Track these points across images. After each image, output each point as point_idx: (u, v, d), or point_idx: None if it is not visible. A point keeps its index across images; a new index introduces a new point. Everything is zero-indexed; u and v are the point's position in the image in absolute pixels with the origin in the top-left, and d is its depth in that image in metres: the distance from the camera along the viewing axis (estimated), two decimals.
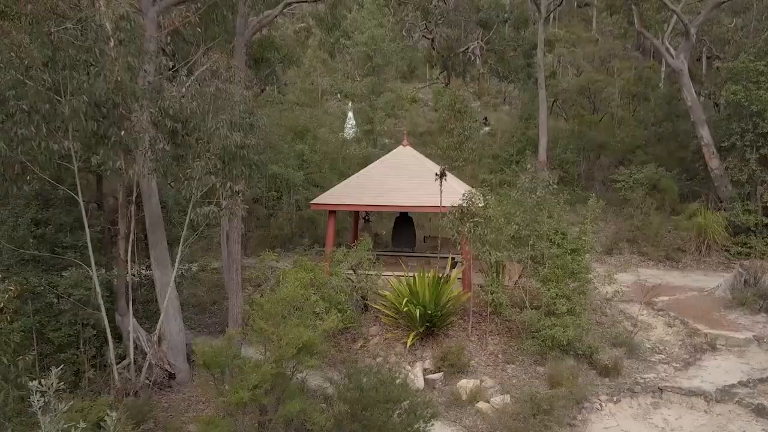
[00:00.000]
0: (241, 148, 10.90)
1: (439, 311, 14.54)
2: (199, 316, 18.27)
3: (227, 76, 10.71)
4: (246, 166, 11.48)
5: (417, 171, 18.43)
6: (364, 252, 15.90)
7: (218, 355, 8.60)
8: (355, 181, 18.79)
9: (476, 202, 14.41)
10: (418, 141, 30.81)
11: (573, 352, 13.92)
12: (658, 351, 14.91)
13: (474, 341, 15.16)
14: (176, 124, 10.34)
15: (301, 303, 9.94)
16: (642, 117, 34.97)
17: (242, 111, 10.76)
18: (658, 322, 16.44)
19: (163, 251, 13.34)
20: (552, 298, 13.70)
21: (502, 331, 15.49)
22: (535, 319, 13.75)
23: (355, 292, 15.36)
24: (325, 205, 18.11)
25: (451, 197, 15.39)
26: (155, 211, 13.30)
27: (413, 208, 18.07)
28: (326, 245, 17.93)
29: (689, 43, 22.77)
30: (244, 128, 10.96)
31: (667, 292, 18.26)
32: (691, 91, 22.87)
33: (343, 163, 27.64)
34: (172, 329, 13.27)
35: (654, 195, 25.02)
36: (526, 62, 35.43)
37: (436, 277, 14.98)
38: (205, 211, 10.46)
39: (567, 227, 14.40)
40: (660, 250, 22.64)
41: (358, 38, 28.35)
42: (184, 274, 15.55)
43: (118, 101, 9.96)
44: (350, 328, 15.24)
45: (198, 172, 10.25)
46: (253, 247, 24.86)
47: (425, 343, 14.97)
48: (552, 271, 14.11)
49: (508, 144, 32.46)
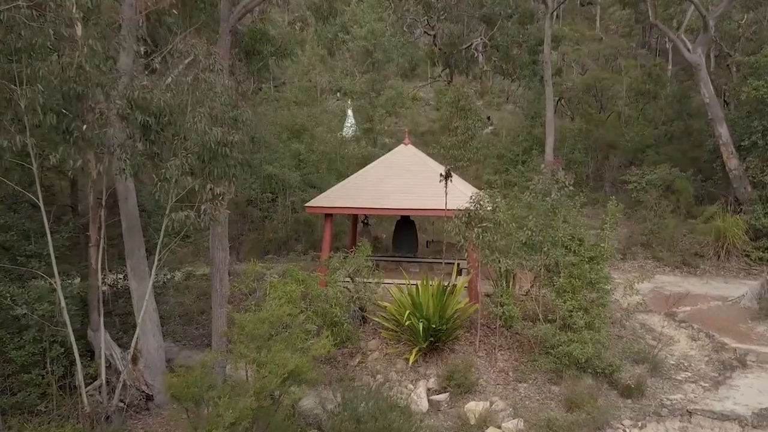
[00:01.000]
0: (223, 145, 9.66)
1: (444, 325, 13.30)
2: (185, 328, 17.05)
3: (207, 63, 9.46)
4: (230, 166, 10.24)
5: (419, 171, 17.19)
6: (363, 259, 14.68)
7: (191, 385, 7.36)
8: (353, 182, 17.54)
9: (484, 206, 13.17)
10: (419, 141, 29.59)
11: (591, 370, 12.68)
12: (684, 368, 13.66)
13: (482, 357, 13.92)
14: (148, 118, 9.10)
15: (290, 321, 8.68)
16: (652, 115, 33.67)
17: (224, 103, 9.52)
18: (681, 335, 15.20)
19: (141, 259, 12.10)
20: (568, 311, 12.44)
21: (512, 345, 14.26)
22: (550, 334, 12.50)
23: (353, 303, 14.13)
24: (321, 208, 16.86)
25: (457, 200, 14.17)
26: (132, 214, 12.06)
27: (415, 211, 16.82)
28: (322, 251, 16.68)
29: (707, 36, 21.53)
30: (226, 123, 9.71)
31: (687, 301, 16.99)
32: (709, 87, 21.64)
33: (341, 163, 26.40)
34: (149, 345, 12.03)
35: (668, 197, 23.78)
36: (531, 59, 34.14)
37: (440, 287, 13.74)
38: (180, 217, 9.21)
39: (584, 233, 13.14)
40: (676, 255, 21.39)
41: (358, 32, 27.09)
42: (167, 284, 14.29)
43: (81, 91, 8.71)
44: (347, 342, 14.01)
45: (173, 172, 9.00)
46: (247, 252, 23.64)
47: (429, 359, 13.74)
48: (568, 281, 12.87)
49: (514, 143, 31.21)
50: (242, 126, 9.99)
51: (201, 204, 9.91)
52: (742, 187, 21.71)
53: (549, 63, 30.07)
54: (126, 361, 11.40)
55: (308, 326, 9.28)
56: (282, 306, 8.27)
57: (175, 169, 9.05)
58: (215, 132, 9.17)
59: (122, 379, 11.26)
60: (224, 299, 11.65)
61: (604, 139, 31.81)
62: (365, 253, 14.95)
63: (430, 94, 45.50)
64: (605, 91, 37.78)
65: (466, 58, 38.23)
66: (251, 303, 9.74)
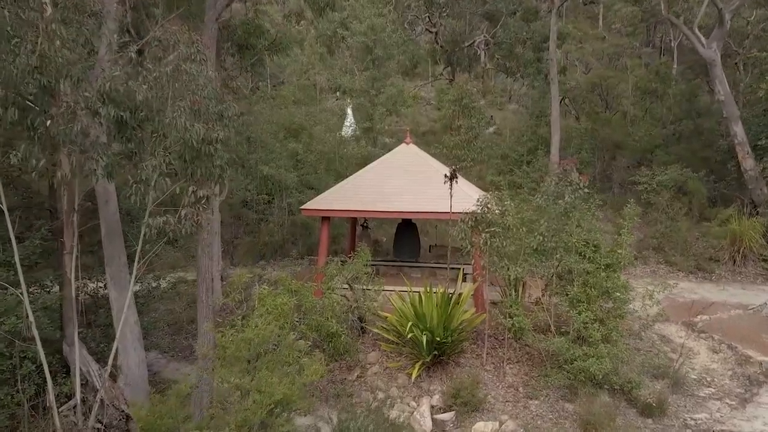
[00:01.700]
0: (207, 143, 8.74)
1: (450, 337, 12.37)
2: (174, 338, 16.14)
3: (189, 53, 8.53)
4: (215, 166, 9.31)
5: (422, 172, 16.27)
6: (362, 265, 13.75)
7: (164, 416, 6.43)
8: (352, 184, 16.61)
9: (492, 209, 12.24)
10: (420, 140, 28.68)
11: (608, 386, 11.74)
12: (706, 383, 12.72)
13: (490, 371, 12.99)
14: (122, 113, 8.16)
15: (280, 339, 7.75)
16: (660, 115, 32.73)
17: (208, 96, 8.58)
18: (701, 347, 14.25)
19: (122, 267, 11.17)
20: (583, 323, 11.50)
21: (521, 358, 13.33)
22: (564, 348, 11.55)
23: (351, 312, 13.21)
24: (318, 211, 15.92)
25: (462, 202, 13.26)
26: (112, 219, 11.15)
27: (418, 214, 15.87)
28: (318, 257, 15.73)
29: (722, 30, 20.60)
30: (211, 118, 8.78)
31: (705, 309, 16.07)
32: (724, 84, 20.70)
33: (340, 164, 25.49)
34: (130, 361, 11.09)
35: (679, 198, 22.85)
36: (536, 56, 33.19)
37: (445, 296, 12.80)
38: (157, 223, 8.27)
39: (600, 238, 12.20)
40: (689, 259, 20.45)
41: (357, 27, 26.17)
42: (152, 292, 13.36)
43: (47, 83, 7.78)
44: (345, 354, 13.08)
45: (149, 173, 8.07)
46: (241, 256, 22.74)
47: (433, 373, 12.81)
48: (583, 291, 11.93)
49: (518, 143, 30.26)
50: (229, 122, 9.05)
51: (183, 208, 8.97)
52: (758, 188, 20.78)
53: (555, 60, 29.13)
54: (103, 378, 10.44)
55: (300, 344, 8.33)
56: (268, 325, 7.34)
57: (152, 169, 8.12)
58: (197, 128, 8.25)
59: (99, 397, 10.29)
60: (210, 311, 10.71)
61: (610, 138, 30.89)
62: (364, 259, 14.03)
63: (431, 94, 44.63)
64: (611, 90, 36.96)
65: (468, 56, 37.32)
66: (239, 316, 8.80)
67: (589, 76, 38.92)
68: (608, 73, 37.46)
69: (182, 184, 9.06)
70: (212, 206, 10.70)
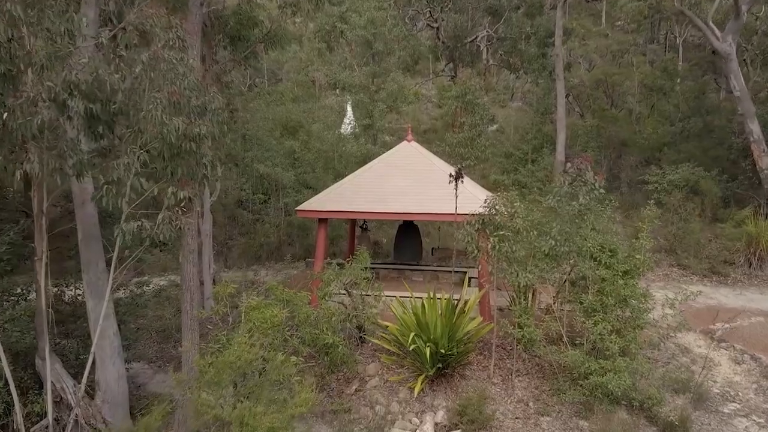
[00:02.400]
0: (190, 140, 7.87)
1: (455, 348, 11.50)
2: (162, 346, 15.26)
3: (167, 38, 7.66)
4: (199, 164, 8.45)
5: (424, 171, 15.41)
6: (361, 270, 12.88)
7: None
8: (350, 183, 15.74)
9: (501, 211, 11.36)
10: (421, 139, 27.79)
11: (626, 402, 10.87)
12: (730, 398, 11.85)
13: (497, 384, 12.13)
14: (92, 105, 7.29)
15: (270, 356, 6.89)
16: (668, 112, 31.82)
17: (188, 86, 7.70)
18: (722, 357, 13.39)
19: (100, 274, 10.30)
20: (599, 335, 10.63)
21: (531, 369, 12.47)
22: (579, 361, 10.69)
23: (349, 321, 12.34)
24: (314, 212, 15.04)
25: (468, 203, 12.40)
26: (89, 221, 10.28)
27: (420, 216, 14.99)
28: (315, 261, 14.87)
29: (739, 23, 19.70)
30: (193, 112, 7.91)
31: (722, 315, 15.22)
32: (740, 79, 19.81)
33: (339, 162, 24.60)
34: (108, 376, 10.23)
35: (692, 198, 21.98)
36: (540, 52, 32.35)
37: (450, 304, 11.93)
38: (131, 228, 7.40)
39: (617, 243, 11.33)
40: (703, 262, 19.56)
41: (356, 21, 25.28)
42: (136, 299, 12.48)
43: (6, 70, 6.91)
44: (343, 366, 12.22)
45: (121, 173, 7.20)
46: (236, 258, 21.88)
47: (437, 387, 11.95)
48: (598, 299, 11.06)
49: (522, 141, 29.36)
50: (213, 116, 8.17)
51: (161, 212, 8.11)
52: None
53: (560, 56, 28.32)
54: (78, 396, 9.60)
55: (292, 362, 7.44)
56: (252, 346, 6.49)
57: (124, 169, 7.25)
58: (176, 123, 7.38)
59: (74, 416, 9.48)
60: (196, 323, 9.85)
61: (617, 136, 30.03)
62: (364, 263, 13.16)
63: (432, 91, 43.76)
64: (616, 87, 36.14)
65: (470, 51, 36.42)
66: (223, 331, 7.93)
67: (594, 73, 38.11)
68: (613, 70, 36.68)
69: (162, 185, 8.22)
70: (196, 208, 9.83)
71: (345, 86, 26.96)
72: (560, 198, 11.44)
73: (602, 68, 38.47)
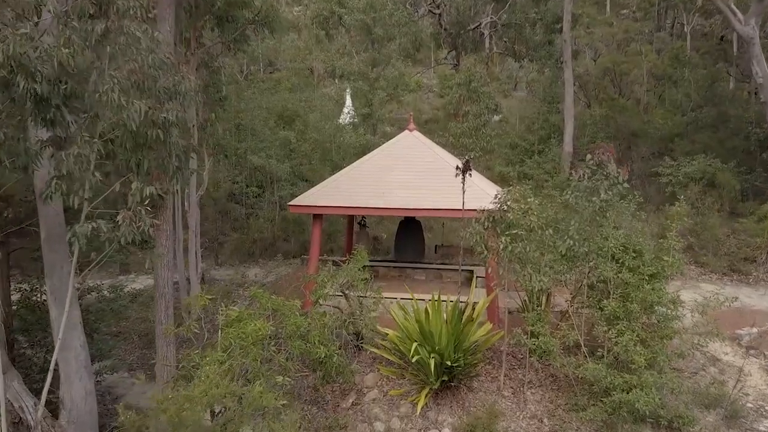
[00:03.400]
0: (157, 127, 6.72)
1: (462, 360, 10.40)
2: (144, 352, 14.15)
3: (128, 6, 6.48)
4: (171, 155, 7.32)
5: (428, 163, 14.28)
6: (358, 271, 11.77)
7: None
8: (347, 176, 14.61)
9: (514, 207, 10.23)
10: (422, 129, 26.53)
11: (653, 420, 9.79)
12: (765, 414, 10.77)
13: (508, 397, 11.05)
14: (36, 86, 6.13)
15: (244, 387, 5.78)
16: (679, 101, 30.57)
17: (154, 64, 6.54)
18: (752, 366, 12.30)
19: (64, 279, 9.15)
20: (624, 347, 9.51)
21: (544, 380, 11.40)
22: (602, 375, 9.58)
23: (345, 328, 11.23)
24: (308, 207, 13.92)
25: (476, 198, 11.28)
26: (53, 221, 9.11)
27: (423, 212, 13.84)
28: (309, 261, 13.76)
29: (762, 5, 18.49)
30: (160, 94, 6.76)
31: (746, 318, 14.13)
32: (762, 65, 18.61)
33: (337, 153, 23.43)
34: (74, 393, 9.13)
35: (708, 192, 20.85)
36: (546, 38, 31.09)
37: (456, 310, 10.82)
38: (84, 230, 6.27)
39: (643, 243, 10.19)
40: (722, 259, 18.44)
41: (355, 3, 24.03)
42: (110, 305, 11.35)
43: None
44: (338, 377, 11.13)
45: (71, 165, 6.07)
46: (228, 255, 20.77)
47: (441, 400, 10.86)
48: (621, 306, 9.93)
49: (528, 131, 28.15)
50: (183, 100, 7.02)
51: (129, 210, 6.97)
52: None
53: (569, 42, 27.10)
54: (37, 416, 8.51)
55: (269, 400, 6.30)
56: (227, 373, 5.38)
57: (75, 161, 6.12)
58: (137, 106, 6.22)
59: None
60: (172, 335, 8.73)
61: (627, 126, 28.83)
62: (362, 263, 12.05)
63: (434, 81, 42.54)
64: (624, 75, 34.95)
65: (473, 39, 35.16)
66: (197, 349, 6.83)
67: (602, 61, 36.91)
68: (622, 58, 35.47)
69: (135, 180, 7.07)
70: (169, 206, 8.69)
71: (343, 74, 25.71)
72: (579, 193, 10.29)
73: (610, 56, 37.30)
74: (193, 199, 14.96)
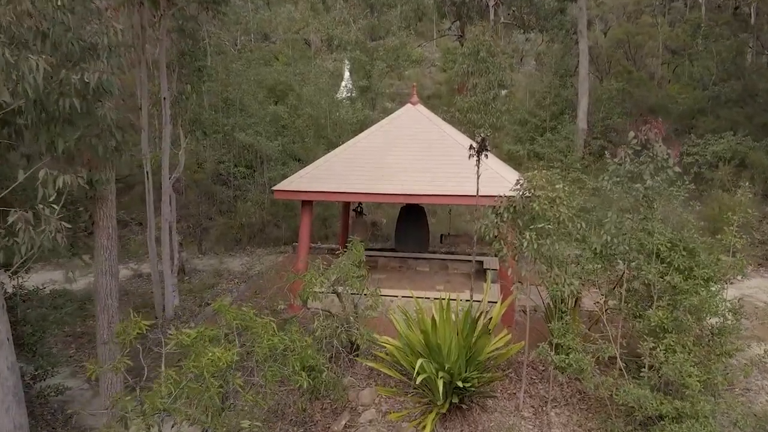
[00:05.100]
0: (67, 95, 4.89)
1: (476, 378, 8.69)
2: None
3: None
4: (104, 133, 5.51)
5: (434, 141, 12.45)
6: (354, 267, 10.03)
7: None
8: (342, 156, 12.79)
9: (539, 196, 8.43)
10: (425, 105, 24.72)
11: None
12: None
13: (529, 418, 9.37)
14: None
15: None
16: (698, 75, 28.52)
17: (61, 6, 4.69)
18: None
19: None
20: (677, 368, 7.77)
21: (570, 397, 9.71)
22: (648, 400, 7.86)
23: (337, 338, 9.52)
24: (296, 193, 12.13)
25: (490, 184, 9.50)
26: None
27: (429, 198, 11.99)
28: (298, 254, 12.00)
29: None
30: (72, 48, 4.92)
31: None
32: None
33: (332, 131, 21.55)
34: (2, 425, 7.43)
35: (739, 172, 19.04)
36: (558, 6, 28.95)
37: (468, 318, 9.08)
38: None
39: (697, 240, 8.41)
40: (757, 248, 16.69)
41: None
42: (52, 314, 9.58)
43: None
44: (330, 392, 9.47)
45: None
46: (213, 242, 19.01)
47: (450, 422, 9.18)
48: (671, 317, 8.19)
49: (539, 107, 26.19)
50: (109, 57, 5.18)
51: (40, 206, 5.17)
52: None
53: (584, 10, 24.99)
54: None
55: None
56: None
57: None
58: (32, 63, 4.38)
59: None
60: (116, 350, 7.00)
61: (644, 101, 26.87)
62: (358, 258, 10.30)
63: (436, 54, 40.44)
64: (639, 48, 32.91)
65: (479, 8, 32.96)
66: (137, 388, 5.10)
67: (615, 32, 34.82)
68: (636, 30, 33.39)
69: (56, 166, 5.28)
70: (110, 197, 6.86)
71: (340, 43, 23.69)
72: (619, 178, 8.48)
73: (623, 27, 35.26)
74: (166, 183, 13.15)
